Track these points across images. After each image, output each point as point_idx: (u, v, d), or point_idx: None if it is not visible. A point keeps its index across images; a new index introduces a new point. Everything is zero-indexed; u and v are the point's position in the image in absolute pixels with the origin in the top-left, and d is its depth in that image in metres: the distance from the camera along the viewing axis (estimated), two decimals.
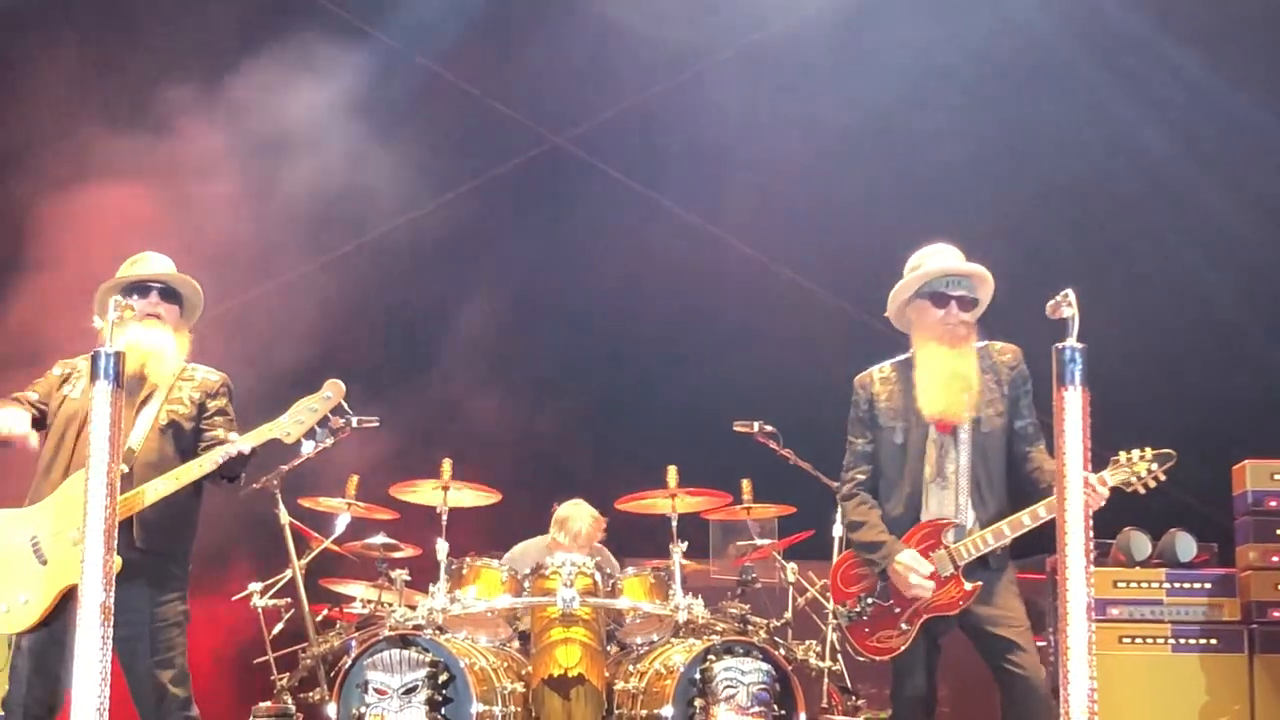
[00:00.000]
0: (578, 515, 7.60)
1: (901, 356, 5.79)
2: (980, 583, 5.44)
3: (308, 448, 5.64)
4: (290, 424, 5.46)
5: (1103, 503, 5.24)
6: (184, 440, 5.65)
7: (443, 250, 9.71)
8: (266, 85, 8.97)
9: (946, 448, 5.57)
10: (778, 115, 9.52)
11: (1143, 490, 5.35)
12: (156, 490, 5.38)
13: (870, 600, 5.63)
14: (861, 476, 5.74)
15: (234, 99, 8.87)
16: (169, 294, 5.78)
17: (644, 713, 6.35)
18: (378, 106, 9.36)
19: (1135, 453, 5.33)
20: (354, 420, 6.11)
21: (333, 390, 5.49)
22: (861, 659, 5.74)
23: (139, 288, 5.71)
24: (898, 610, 5.56)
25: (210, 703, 5.70)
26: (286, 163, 8.94)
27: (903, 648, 5.54)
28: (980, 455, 5.57)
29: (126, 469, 5.38)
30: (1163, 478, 5.35)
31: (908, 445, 5.63)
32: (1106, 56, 9.16)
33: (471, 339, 9.69)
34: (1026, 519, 5.39)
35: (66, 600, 5.23)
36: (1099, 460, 5.21)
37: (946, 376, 5.54)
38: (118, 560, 5.11)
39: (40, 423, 5.73)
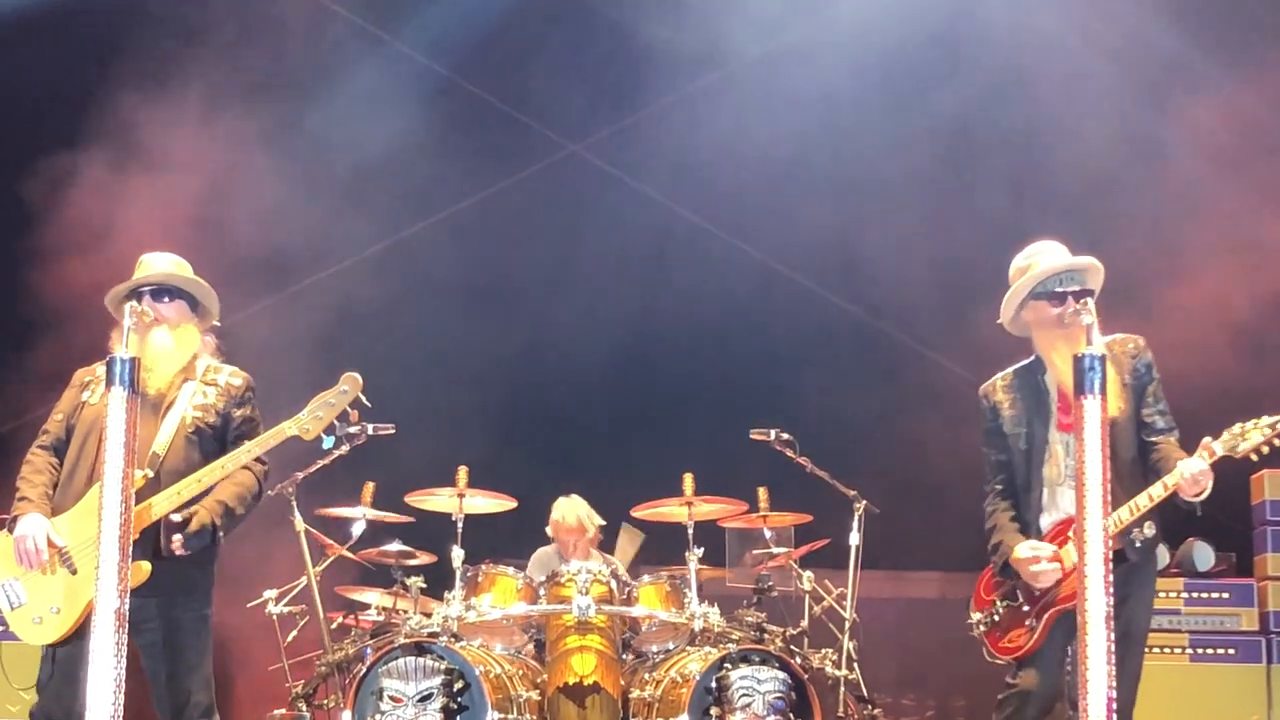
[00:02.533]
0: (559, 506, 8.13)
1: (1023, 362, 5.66)
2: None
3: (328, 443, 5.55)
4: (309, 420, 5.37)
5: (1207, 489, 5.18)
6: (209, 445, 5.56)
7: (460, 256, 9.71)
8: (284, 92, 8.99)
9: (1072, 446, 5.32)
10: (796, 122, 9.48)
11: (1266, 450, 5.20)
12: (177, 496, 5.31)
13: (1004, 603, 5.53)
14: (999, 487, 5.64)
15: (252, 106, 8.89)
16: (163, 293, 5.62)
17: None
18: (395, 114, 9.36)
19: (1251, 423, 5.21)
20: (370, 427, 6.07)
21: (349, 384, 5.39)
22: (999, 662, 5.56)
23: (134, 294, 5.53)
24: (1026, 608, 5.45)
25: (226, 709, 5.68)
26: (300, 168, 8.94)
27: (1030, 644, 5.41)
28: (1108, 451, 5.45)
29: (152, 474, 5.36)
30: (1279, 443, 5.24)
31: (1032, 450, 5.53)
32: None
33: (486, 346, 9.68)
34: (1144, 500, 5.24)
35: None
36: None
37: None
38: (146, 566, 5.16)
39: None
